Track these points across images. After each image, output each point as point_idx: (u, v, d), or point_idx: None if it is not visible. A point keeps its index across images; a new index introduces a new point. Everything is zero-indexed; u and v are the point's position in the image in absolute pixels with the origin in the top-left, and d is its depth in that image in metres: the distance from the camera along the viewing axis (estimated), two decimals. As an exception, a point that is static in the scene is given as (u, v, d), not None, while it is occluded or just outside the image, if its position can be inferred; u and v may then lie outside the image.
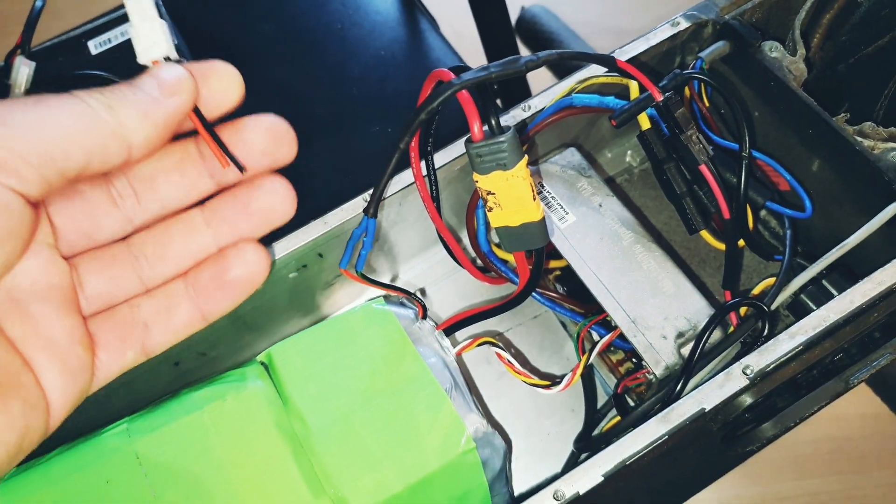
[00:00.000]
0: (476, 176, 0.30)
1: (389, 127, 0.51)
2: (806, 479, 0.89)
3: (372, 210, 0.34)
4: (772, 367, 0.33)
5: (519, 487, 0.40)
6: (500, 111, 0.38)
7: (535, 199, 0.30)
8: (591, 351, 0.37)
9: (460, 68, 0.29)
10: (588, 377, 0.40)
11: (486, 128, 0.29)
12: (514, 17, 0.92)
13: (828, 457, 0.90)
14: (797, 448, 0.97)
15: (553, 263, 0.42)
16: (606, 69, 0.37)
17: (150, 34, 0.26)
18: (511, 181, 0.29)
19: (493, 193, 0.30)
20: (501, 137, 0.28)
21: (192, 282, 0.30)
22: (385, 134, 0.50)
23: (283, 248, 0.37)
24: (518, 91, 0.71)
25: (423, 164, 0.37)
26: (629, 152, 0.47)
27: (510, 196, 0.30)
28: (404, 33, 0.55)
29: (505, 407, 0.41)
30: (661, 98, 0.33)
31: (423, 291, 0.45)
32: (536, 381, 0.35)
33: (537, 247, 0.32)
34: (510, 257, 0.42)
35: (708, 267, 0.44)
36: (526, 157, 0.29)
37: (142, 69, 0.27)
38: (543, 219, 0.31)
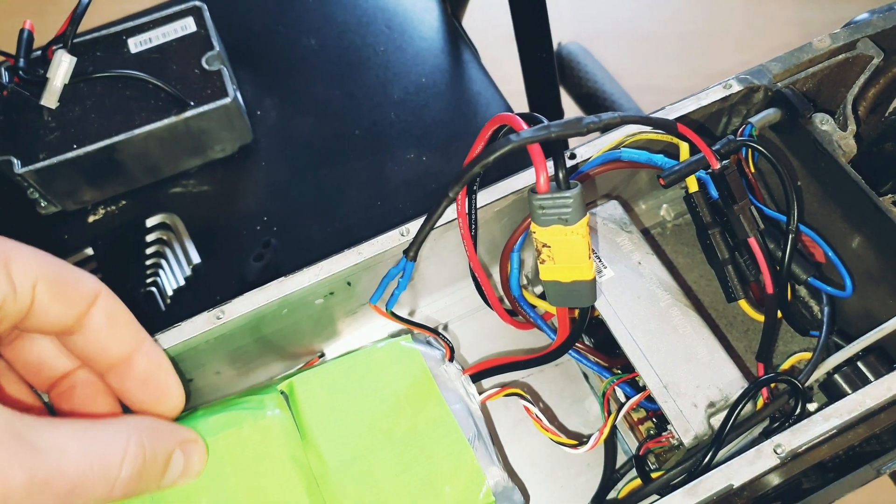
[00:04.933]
0: (534, 227, 0.29)
1: (424, 155, 0.50)
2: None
3: (412, 253, 0.33)
4: (804, 448, 0.32)
5: (530, 540, 0.39)
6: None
7: (590, 257, 0.29)
8: (617, 412, 0.36)
9: (527, 116, 0.29)
10: (610, 436, 0.39)
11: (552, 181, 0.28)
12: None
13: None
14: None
15: (580, 312, 0.42)
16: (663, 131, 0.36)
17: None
18: (570, 237, 0.29)
19: (549, 246, 0.29)
20: (568, 193, 0.28)
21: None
22: (420, 162, 0.50)
23: (314, 274, 0.36)
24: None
25: (466, 201, 0.36)
26: (664, 206, 0.47)
27: (566, 251, 0.29)
28: (446, 62, 0.54)
29: (520, 453, 0.41)
30: (719, 166, 0.33)
31: (445, 326, 0.44)
32: (563, 439, 0.34)
33: (584, 305, 0.31)
34: (540, 303, 0.41)
35: (735, 330, 0.43)
36: (588, 215, 0.28)
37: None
38: (595, 279, 0.30)
